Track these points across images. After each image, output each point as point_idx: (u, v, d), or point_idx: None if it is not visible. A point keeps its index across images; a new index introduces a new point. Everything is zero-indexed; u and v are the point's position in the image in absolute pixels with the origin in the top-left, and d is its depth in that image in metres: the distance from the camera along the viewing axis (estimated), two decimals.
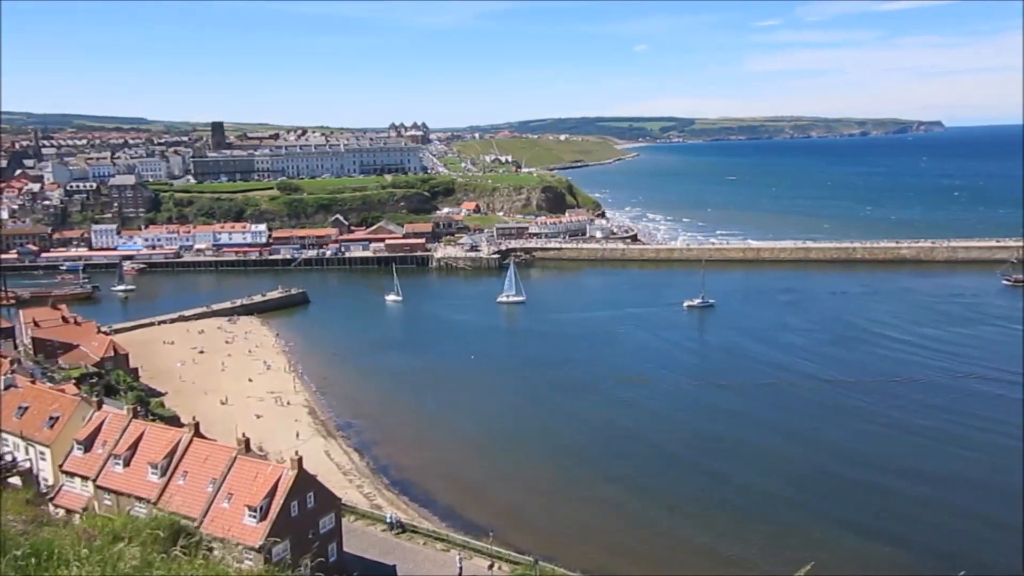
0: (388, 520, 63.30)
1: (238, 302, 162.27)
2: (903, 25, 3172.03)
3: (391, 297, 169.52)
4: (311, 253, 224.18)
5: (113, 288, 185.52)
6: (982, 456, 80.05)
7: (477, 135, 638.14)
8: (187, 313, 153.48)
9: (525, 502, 73.91)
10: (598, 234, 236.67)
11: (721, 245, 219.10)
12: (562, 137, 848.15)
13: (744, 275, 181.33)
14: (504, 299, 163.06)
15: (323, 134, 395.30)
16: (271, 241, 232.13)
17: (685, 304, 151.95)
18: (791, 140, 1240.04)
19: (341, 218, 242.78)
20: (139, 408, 63.11)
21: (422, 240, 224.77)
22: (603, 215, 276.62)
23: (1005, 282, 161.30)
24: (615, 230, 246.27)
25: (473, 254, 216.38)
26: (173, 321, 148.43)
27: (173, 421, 74.88)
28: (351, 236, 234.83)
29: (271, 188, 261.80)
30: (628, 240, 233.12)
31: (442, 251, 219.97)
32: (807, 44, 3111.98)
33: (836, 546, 63.44)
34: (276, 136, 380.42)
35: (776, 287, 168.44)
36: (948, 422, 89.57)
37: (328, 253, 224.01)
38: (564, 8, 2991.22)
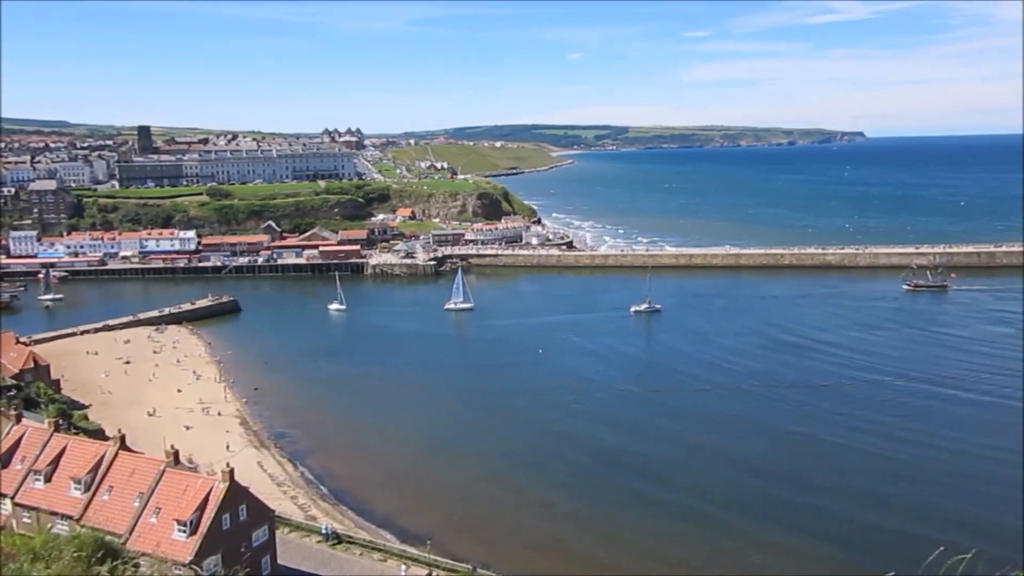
0: (323, 531, 62.34)
1: (166, 311, 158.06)
2: (829, 38, 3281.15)
3: (334, 306, 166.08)
4: (242, 260, 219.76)
5: (40, 297, 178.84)
6: (892, 466, 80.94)
7: (412, 141, 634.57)
8: (112, 322, 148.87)
9: (463, 509, 73.63)
10: (534, 241, 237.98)
11: (656, 252, 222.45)
12: (498, 144, 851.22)
13: (679, 281, 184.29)
14: (452, 306, 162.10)
15: (254, 139, 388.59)
16: (200, 248, 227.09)
17: (632, 309, 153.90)
18: (722, 148, 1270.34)
19: (273, 224, 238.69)
20: (61, 421, 60.82)
21: (357, 247, 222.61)
22: (539, 222, 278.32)
23: (906, 287, 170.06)
24: (551, 237, 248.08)
25: (409, 261, 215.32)
26: (97, 331, 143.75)
27: (97, 434, 72.35)
28: (284, 243, 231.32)
29: (200, 194, 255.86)
30: (564, 247, 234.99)
31: (377, 258, 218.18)
32: (738, 55, 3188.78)
33: (767, 550, 64.89)
34: (205, 141, 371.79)
35: (709, 292, 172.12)
36: (864, 433, 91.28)
37: (260, 260, 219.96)
38: (498, 15, 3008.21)
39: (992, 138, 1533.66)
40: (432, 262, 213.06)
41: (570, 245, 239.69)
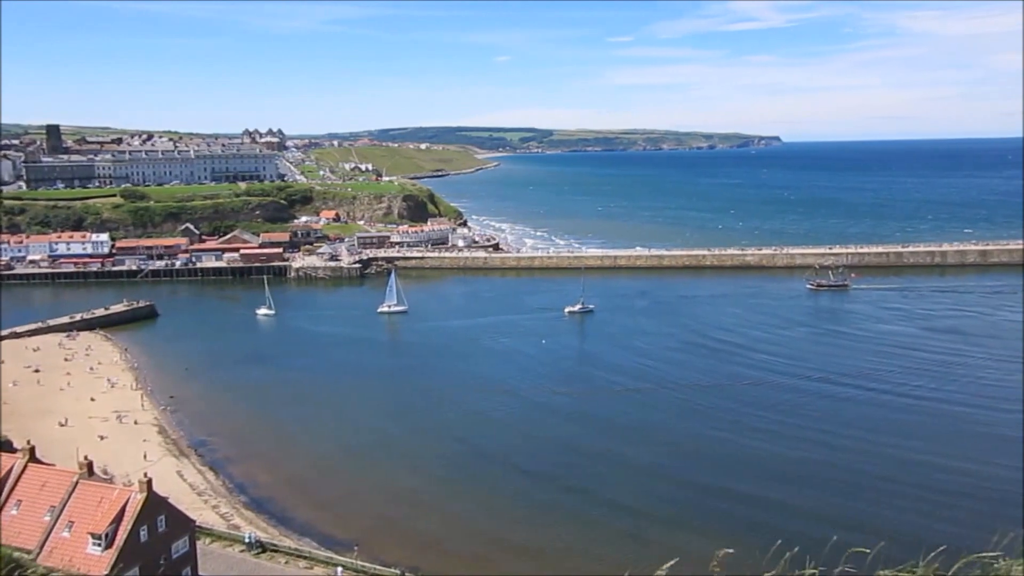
0: (247, 540, 61.03)
1: (78, 316, 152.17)
2: (746, 45, 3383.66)
3: (262, 311, 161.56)
4: (159, 264, 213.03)
5: None
6: (802, 468, 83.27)
7: (336, 142, 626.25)
8: (20, 329, 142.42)
9: (390, 514, 72.86)
10: (460, 243, 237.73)
11: (580, 253, 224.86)
12: (423, 146, 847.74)
13: (604, 282, 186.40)
14: (385, 309, 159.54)
15: (171, 139, 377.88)
16: (114, 251, 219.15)
17: (566, 310, 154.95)
18: (644, 152, 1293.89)
19: (192, 227, 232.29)
20: None
21: (279, 249, 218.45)
22: (465, 224, 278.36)
23: (809, 286, 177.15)
24: (477, 239, 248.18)
25: (333, 264, 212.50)
26: (3, 339, 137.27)
27: (4, 446, 69.10)
28: (203, 246, 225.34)
29: (114, 195, 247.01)
30: (490, 249, 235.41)
31: (301, 261, 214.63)
32: (659, 60, 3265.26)
33: (688, 556, 66.21)
34: (119, 141, 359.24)
35: (633, 293, 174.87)
36: (774, 435, 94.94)
37: (178, 264, 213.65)
38: (423, 16, 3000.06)
39: (899, 143, 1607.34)
40: (357, 265, 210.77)
41: (496, 247, 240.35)
